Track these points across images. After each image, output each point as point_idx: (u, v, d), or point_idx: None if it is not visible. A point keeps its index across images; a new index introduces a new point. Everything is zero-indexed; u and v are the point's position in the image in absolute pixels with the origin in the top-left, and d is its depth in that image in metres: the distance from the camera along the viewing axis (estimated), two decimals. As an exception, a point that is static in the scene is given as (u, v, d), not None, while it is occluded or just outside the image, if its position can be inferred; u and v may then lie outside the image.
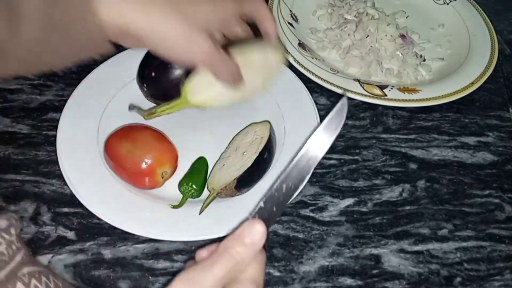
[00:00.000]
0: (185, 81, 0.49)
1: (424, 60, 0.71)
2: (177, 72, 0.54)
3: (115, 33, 0.40)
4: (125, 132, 0.52)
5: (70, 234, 0.50)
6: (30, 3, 0.37)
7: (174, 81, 0.54)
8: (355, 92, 0.62)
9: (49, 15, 0.38)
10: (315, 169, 0.54)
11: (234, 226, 0.49)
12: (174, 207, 0.50)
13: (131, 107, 0.56)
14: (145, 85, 0.56)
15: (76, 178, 0.51)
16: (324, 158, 0.58)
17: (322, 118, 0.59)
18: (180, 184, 0.52)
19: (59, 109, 0.57)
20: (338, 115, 0.34)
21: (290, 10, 0.73)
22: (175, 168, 0.53)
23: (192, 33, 0.42)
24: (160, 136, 0.53)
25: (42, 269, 0.38)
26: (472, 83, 0.65)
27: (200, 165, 0.54)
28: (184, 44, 0.42)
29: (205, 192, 0.53)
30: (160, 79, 0.55)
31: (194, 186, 0.51)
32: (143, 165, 0.50)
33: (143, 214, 0.50)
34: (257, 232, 0.31)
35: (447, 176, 0.59)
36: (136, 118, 0.57)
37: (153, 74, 0.55)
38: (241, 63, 0.47)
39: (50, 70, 0.42)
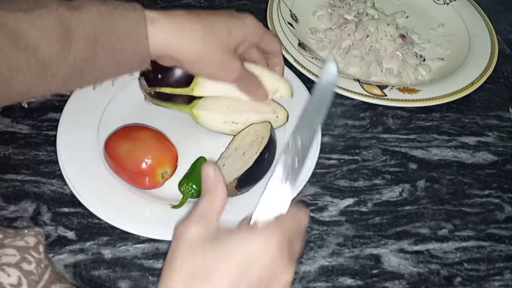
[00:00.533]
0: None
1: (424, 60, 0.71)
2: (182, 72, 0.54)
3: (157, 55, 0.44)
4: (125, 132, 0.52)
5: (70, 234, 0.50)
6: (82, 23, 0.40)
7: (182, 82, 0.54)
8: (355, 92, 0.62)
9: (100, 36, 0.40)
10: (315, 169, 0.55)
11: (234, 225, 0.49)
12: (174, 207, 0.50)
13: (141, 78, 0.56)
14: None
15: (76, 178, 0.51)
16: (324, 158, 0.58)
17: (322, 118, 0.60)
18: (180, 184, 0.52)
19: (59, 109, 0.57)
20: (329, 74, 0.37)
21: (290, 10, 0.73)
22: (175, 168, 0.53)
23: (226, 58, 0.46)
24: (160, 136, 0.53)
25: (67, 285, 0.38)
26: (472, 83, 0.65)
27: (200, 165, 0.54)
28: (220, 67, 0.47)
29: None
30: (168, 81, 0.55)
31: (194, 186, 0.51)
32: (143, 165, 0.50)
33: (143, 214, 0.50)
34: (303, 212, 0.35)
35: (447, 176, 0.59)
36: (136, 118, 0.57)
37: (159, 76, 0.55)
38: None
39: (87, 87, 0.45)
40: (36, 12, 0.39)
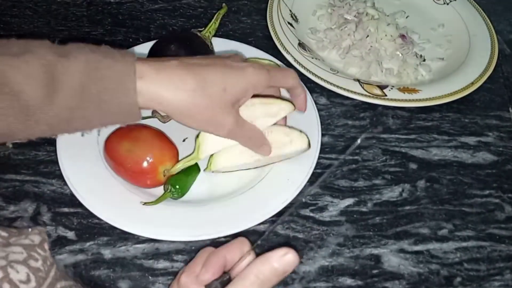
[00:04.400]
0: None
1: (424, 60, 0.71)
2: None
3: (145, 106, 0.43)
4: (125, 132, 0.52)
5: (70, 234, 0.50)
6: (69, 72, 0.39)
7: None
8: (355, 92, 0.62)
9: (86, 86, 0.39)
10: (315, 169, 0.55)
11: (234, 226, 0.49)
12: (147, 203, 0.50)
13: (153, 113, 0.56)
14: None
15: (76, 178, 0.51)
16: (324, 158, 0.58)
17: (322, 118, 0.60)
18: (166, 182, 0.51)
19: (59, 109, 0.57)
20: None
21: (290, 10, 0.73)
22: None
23: (216, 114, 0.44)
24: (159, 134, 0.53)
25: (72, 283, 0.38)
26: (472, 83, 0.65)
27: (190, 170, 0.54)
28: (209, 124, 0.45)
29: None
30: None
31: (177, 187, 0.51)
32: (145, 164, 0.50)
33: (143, 214, 0.50)
34: (289, 261, 0.34)
35: (447, 176, 0.59)
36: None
37: None
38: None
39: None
40: (23, 57, 0.38)
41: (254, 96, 0.48)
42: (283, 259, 0.33)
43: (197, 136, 0.51)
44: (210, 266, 0.35)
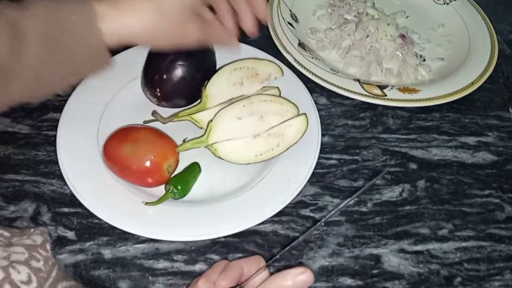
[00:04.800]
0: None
1: (424, 60, 0.71)
2: (187, 68, 0.55)
3: (114, 42, 0.43)
4: (123, 134, 0.52)
5: (70, 234, 0.50)
6: (32, 21, 0.39)
7: (188, 79, 0.55)
8: (355, 92, 0.62)
9: (51, 32, 0.40)
10: (315, 169, 0.55)
11: (234, 226, 0.49)
12: (148, 203, 0.50)
13: (154, 114, 0.56)
14: (158, 90, 0.56)
15: (76, 178, 0.51)
16: (324, 158, 0.58)
17: (322, 118, 0.60)
18: (168, 183, 0.51)
19: (59, 109, 0.57)
20: None
21: (290, 10, 0.73)
22: (177, 161, 0.53)
23: (181, 30, 0.45)
24: (157, 133, 0.53)
25: (73, 283, 0.38)
26: (472, 83, 0.65)
27: (192, 170, 0.54)
28: (177, 40, 0.46)
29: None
30: (173, 80, 0.55)
31: (179, 187, 0.51)
32: (149, 163, 0.50)
33: (143, 214, 0.50)
34: (304, 280, 0.35)
35: (447, 176, 0.59)
36: (136, 118, 0.57)
37: (164, 77, 0.55)
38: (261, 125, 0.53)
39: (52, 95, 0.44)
40: None
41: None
42: (299, 278, 0.35)
43: (211, 120, 0.52)
44: (229, 274, 0.37)
